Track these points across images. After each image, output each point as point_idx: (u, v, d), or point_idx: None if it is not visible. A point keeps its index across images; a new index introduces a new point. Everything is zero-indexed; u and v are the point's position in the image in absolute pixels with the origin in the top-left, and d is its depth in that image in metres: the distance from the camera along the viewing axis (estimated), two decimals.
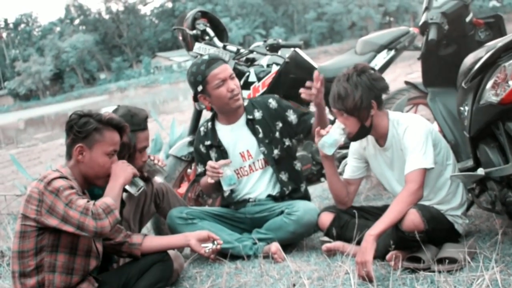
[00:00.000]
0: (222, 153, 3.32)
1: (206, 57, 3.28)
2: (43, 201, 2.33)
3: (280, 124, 3.32)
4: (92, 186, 2.61)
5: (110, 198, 2.42)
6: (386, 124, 2.81)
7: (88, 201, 2.37)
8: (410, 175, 2.64)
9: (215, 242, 2.79)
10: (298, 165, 3.39)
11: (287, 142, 3.33)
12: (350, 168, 3.05)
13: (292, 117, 3.32)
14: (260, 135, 3.29)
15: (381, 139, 2.85)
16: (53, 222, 2.34)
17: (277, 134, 3.31)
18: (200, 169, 3.43)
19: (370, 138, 2.91)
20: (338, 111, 2.75)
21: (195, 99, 3.33)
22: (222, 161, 3.15)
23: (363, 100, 2.68)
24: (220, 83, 3.18)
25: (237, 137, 3.33)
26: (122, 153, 2.71)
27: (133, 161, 2.83)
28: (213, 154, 3.36)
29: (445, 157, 2.82)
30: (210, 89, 3.20)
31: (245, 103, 3.35)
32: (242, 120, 3.33)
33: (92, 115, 2.51)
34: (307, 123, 3.30)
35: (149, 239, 2.75)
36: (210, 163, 3.15)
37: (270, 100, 3.36)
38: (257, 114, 3.32)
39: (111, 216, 2.37)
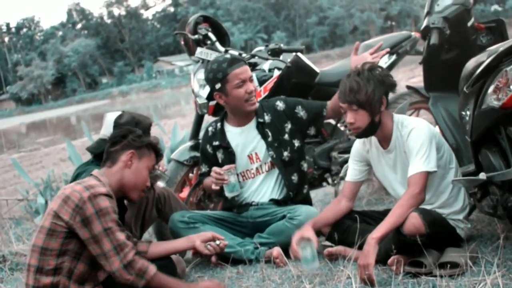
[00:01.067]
0: (230, 155, 3.32)
1: (228, 55, 3.28)
2: (82, 209, 2.37)
3: (289, 126, 3.32)
4: (124, 197, 2.70)
5: (158, 272, 2.48)
6: (391, 125, 2.81)
7: (128, 238, 2.44)
8: (412, 178, 2.64)
9: (220, 242, 2.82)
10: (305, 166, 3.39)
11: (297, 143, 3.33)
12: (352, 171, 3.04)
13: (301, 113, 3.32)
14: (270, 139, 3.29)
15: (384, 141, 2.85)
16: (83, 234, 2.38)
17: (286, 136, 3.31)
18: (204, 169, 3.43)
19: (373, 140, 2.91)
20: (349, 105, 2.72)
21: (210, 97, 3.32)
22: (226, 167, 3.15)
23: (375, 93, 2.68)
24: (240, 83, 3.18)
25: (246, 139, 3.33)
26: None
27: None
28: (220, 155, 3.36)
29: (448, 160, 2.81)
30: (229, 88, 3.19)
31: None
32: (253, 123, 3.33)
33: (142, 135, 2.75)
34: (320, 115, 3.32)
35: (154, 246, 2.76)
36: (215, 169, 3.15)
37: (278, 103, 3.36)
38: (267, 118, 3.32)
39: (137, 279, 2.42)
